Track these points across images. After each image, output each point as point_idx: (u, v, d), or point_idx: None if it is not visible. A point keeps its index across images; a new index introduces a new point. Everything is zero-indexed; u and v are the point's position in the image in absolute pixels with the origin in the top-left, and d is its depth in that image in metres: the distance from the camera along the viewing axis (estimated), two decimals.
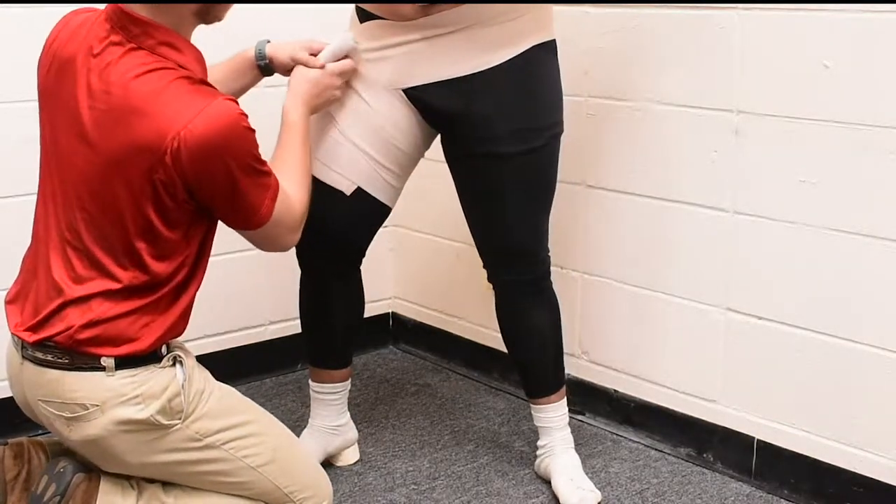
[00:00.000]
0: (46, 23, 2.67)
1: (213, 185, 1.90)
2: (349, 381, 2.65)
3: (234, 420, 2.05)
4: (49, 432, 2.62)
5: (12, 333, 2.02)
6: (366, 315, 2.69)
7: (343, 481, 2.58)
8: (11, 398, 2.74)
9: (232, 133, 1.87)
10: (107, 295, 1.92)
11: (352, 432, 2.68)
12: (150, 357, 1.97)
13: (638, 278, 2.78)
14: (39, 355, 1.95)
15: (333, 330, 2.59)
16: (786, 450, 2.52)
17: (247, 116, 1.91)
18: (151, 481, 2.07)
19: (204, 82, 1.92)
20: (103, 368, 1.93)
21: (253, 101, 2.33)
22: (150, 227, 1.90)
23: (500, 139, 2.30)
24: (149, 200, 1.88)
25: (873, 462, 2.37)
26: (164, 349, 2.00)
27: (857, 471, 2.39)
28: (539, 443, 2.58)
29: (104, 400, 1.92)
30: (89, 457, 2.01)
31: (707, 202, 2.59)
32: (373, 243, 2.56)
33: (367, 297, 2.65)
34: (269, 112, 2.28)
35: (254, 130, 1.92)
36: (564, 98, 2.41)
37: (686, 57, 2.58)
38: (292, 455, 2.15)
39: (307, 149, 2.18)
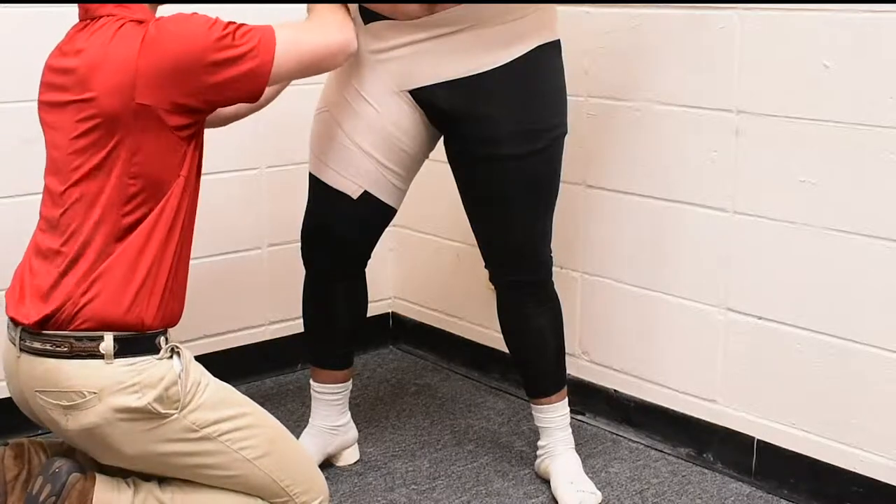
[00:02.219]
0: (46, 23, 2.68)
1: (201, 72, 1.95)
2: (350, 381, 2.65)
3: (230, 412, 2.06)
4: (49, 433, 2.63)
5: (12, 320, 2.03)
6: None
7: (343, 481, 2.58)
8: (11, 399, 2.75)
9: (180, 24, 1.97)
10: (99, 252, 1.96)
11: (352, 432, 2.68)
12: (148, 346, 1.99)
13: (638, 278, 2.78)
14: (38, 345, 1.97)
15: (336, 330, 2.59)
16: (786, 450, 2.52)
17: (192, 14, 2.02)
18: (147, 479, 2.07)
19: None
20: (102, 356, 1.94)
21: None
22: (135, 161, 1.95)
23: (504, 140, 2.31)
24: (131, 133, 1.94)
25: (873, 462, 2.37)
26: (162, 341, 2.01)
27: (857, 471, 2.39)
28: (539, 443, 2.58)
29: (102, 387, 1.93)
30: (86, 448, 2.02)
31: (707, 202, 2.59)
32: None
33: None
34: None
35: (203, 16, 2.01)
36: None
37: (686, 57, 2.58)
38: (288, 449, 2.16)
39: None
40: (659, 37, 2.63)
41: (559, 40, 2.38)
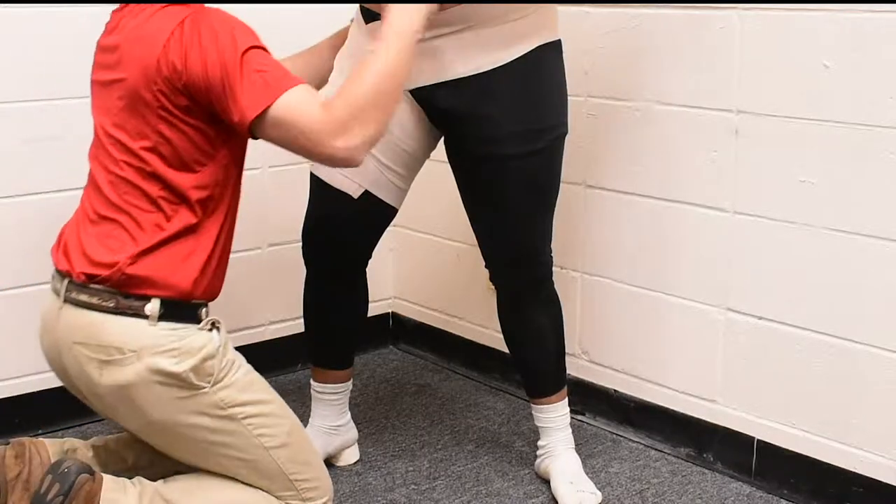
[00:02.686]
0: (47, 24, 2.68)
1: (205, 71, 1.91)
2: (350, 381, 2.66)
3: (256, 396, 2.08)
4: (50, 433, 2.63)
5: (58, 272, 2.04)
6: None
7: (343, 481, 2.58)
8: (11, 399, 2.75)
9: (213, 20, 1.94)
10: (147, 222, 1.98)
11: (352, 432, 2.68)
12: (191, 314, 2.02)
13: (638, 278, 2.78)
14: (84, 298, 1.99)
15: (337, 330, 2.59)
16: (786, 450, 2.52)
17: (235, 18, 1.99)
18: (153, 478, 2.08)
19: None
20: (146, 317, 1.97)
21: None
22: (162, 141, 1.96)
23: (504, 140, 2.31)
24: (154, 114, 1.94)
25: (873, 462, 2.37)
26: (203, 312, 2.04)
27: (857, 471, 2.39)
28: (539, 443, 2.58)
29: (142, 347, 1.96)
30: (112, 409, 2.04)
31: (707, 202, 2.60)
32: None
33: None
34: None
35: (242, 28, 1.96)
36: None
37: (686, 57, 2.58)
38: (303, 444, 2.17)
39: (394, 63, 1.99)
40: (659, 37, 2.63)
41: (560, 40, 2.38)
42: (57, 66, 2.68)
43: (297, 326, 2.73)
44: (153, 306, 1.97)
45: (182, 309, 2.01)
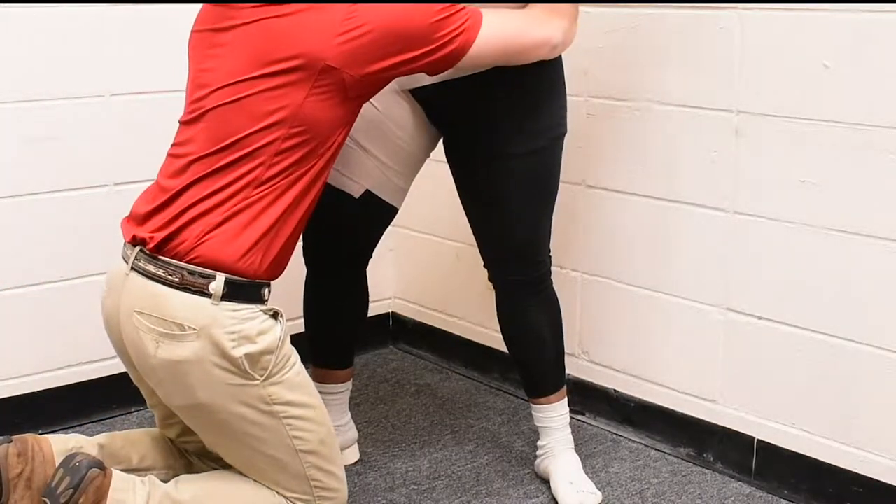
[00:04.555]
0: (47, 24, 2.67)
1: (404, 49, 1.96)
2: (350, 381, 2.66)
3: (302, 399, 2.08)
4: (47, 433, 2.63)
5: (134, 239, 2.03)
6: None
7: None
8: (11, 398, 2.75)
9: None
10: (238, 186, 1.98)
11: (352, 432, 2.68)
12: (254, 295, 2.01)
13: (638, 278, 2.78)
14: (151, 268, 1.99)
15: (338, 330, 2.59)
16: (786, 450, 2.52)
17: None
18: (165, 480, 2.08)
19: None
20: (209, 295, 1.96)
21: None
22: (301, 112, 1.95)
23: (503, 140, 2.31)
24: (309, 88, 1.94)
25: (873, 462, 2.37)
26: (266, 292, 2.04)
27: (857, 471, 2.40)
28: (539, 443, 2.58)
29: (203, 325, 1.95)
30: (159, 382, 2.03)
31: (707, 202, 2.60)
32: None
33: None
34: None
35: None
36: None
37: (686, 57, 2.59)
38: (332, 454, 2.17)
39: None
40: (659, 37, 2.63)
41: None
42: (57, 65, 2.67)
43: (298, 326, 2.72)
44: (217, 285, 1.97)
45: (245, 289, 2.00)
